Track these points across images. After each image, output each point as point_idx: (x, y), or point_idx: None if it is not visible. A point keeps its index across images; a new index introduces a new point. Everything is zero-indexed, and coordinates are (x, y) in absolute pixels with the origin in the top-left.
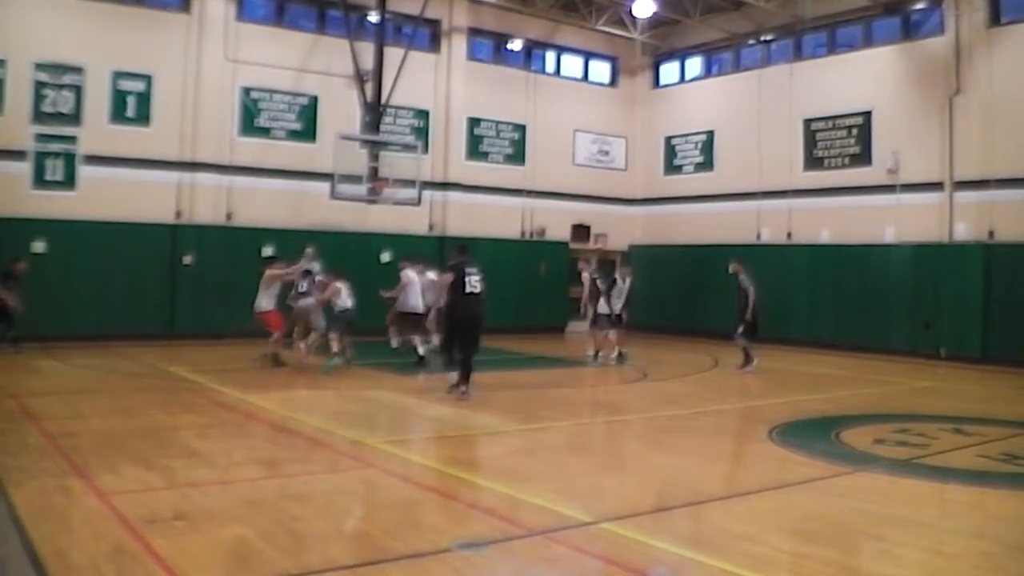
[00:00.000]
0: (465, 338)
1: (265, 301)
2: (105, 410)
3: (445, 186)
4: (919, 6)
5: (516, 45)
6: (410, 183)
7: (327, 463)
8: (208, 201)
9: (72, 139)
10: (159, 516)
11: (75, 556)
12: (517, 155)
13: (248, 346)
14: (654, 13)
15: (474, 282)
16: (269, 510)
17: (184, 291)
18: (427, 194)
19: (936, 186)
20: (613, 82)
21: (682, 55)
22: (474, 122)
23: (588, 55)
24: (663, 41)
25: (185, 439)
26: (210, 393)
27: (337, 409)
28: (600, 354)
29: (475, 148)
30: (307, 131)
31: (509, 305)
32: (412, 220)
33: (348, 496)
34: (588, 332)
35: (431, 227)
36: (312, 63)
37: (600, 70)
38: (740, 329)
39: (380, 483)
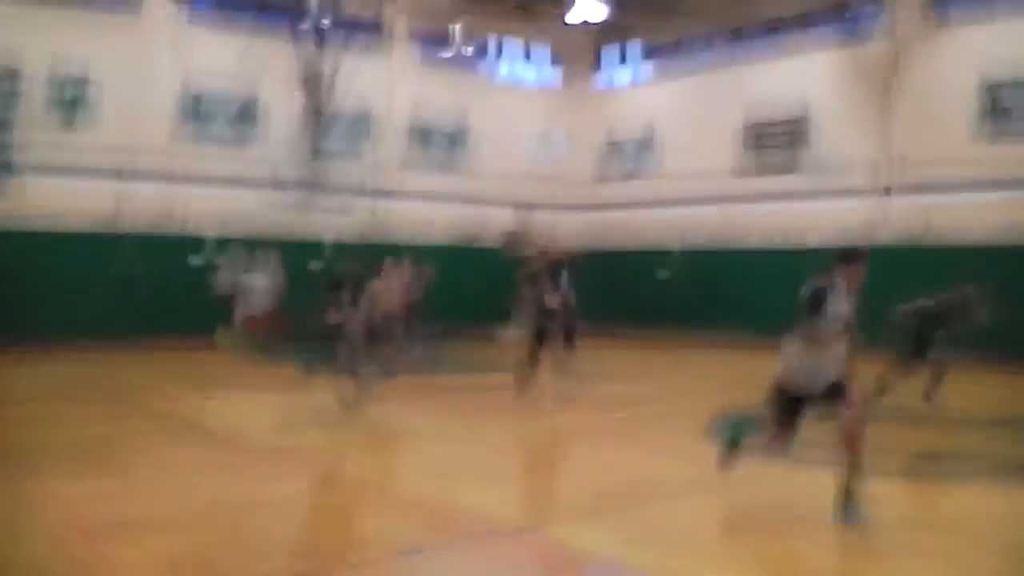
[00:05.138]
0: None
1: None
2: (60, 417)
3: (385, 193)
4: (859, 8)
5: (461, 48)
6: (350, 189)
7: (271, 471)
8: (148, 208)
9: (6, 146)
10: (113, 523)
11: (27, 564)
12: (459, 159)
13: (202, 354)
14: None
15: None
16: (219, 519)
17: (125, 299)
18: (366, 201)
19: (874, 188)
20: (557, 85)
21: (626, 57)
22: (417, 126)
23: (532, 58)
24: (607, 43)
25: (125, 449)
26: (157, 401)
27: (281, 416)
28: None
29: (417, 153)
30: (249, 136)
31: (449, 311)
32: (351, 227)
33: (287, 504)
34: None
35: (369, 235)
36: (256, 67)
37: (544, 73)
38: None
39: (318, 490)
